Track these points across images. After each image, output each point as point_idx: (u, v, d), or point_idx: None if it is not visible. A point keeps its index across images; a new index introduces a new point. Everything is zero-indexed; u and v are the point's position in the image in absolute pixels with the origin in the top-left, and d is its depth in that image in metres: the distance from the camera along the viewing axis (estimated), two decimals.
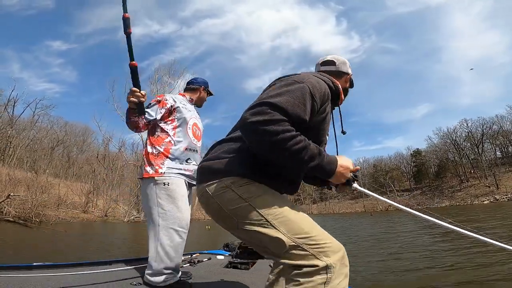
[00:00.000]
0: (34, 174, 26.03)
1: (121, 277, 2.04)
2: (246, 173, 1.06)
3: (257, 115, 0.94)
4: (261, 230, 0.99)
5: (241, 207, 1.02)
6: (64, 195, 22.27)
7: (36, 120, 44.19)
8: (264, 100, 0.97)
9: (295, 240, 0.96)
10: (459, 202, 49.24)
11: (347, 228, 17.72)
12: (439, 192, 58.00)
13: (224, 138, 1.22)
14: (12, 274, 1.80)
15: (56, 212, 18.53)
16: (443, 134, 63.39)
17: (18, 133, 40.41)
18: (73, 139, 50.79)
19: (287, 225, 0.99)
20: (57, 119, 49.79)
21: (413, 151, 71.75)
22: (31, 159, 38.99)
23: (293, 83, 1.06)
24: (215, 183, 1.07)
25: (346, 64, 1.42)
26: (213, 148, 1.21)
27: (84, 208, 22.56)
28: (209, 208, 1.13)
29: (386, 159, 78.70)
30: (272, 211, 1.01)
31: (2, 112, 37.75)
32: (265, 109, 0.94)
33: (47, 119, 46.92)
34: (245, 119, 0.95)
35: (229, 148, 1.13)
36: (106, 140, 37.94)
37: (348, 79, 1.43)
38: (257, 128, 0.93)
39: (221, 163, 1.09)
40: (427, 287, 4.18)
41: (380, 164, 78.09)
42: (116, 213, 23.62)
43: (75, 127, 52.07)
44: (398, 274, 4.92)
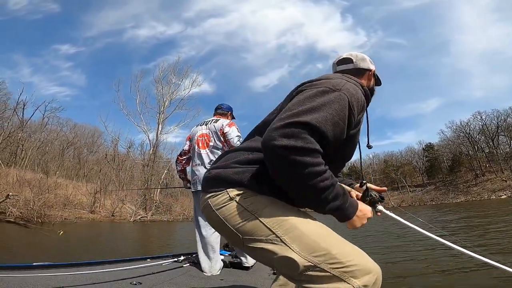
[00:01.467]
0: (44, 175, 26.31)
1: (121, 277, 2.07)
2: (256, 185, 0.93)
3: (288, 138, 0.79)
4: (269, 248, 0.86)
5: (246, 221, 0.90)
6: (71, 195, 22.37)
7: (46, 122, 44.87)
8: (298, 119, 0.82)
9: (311, 259, 0.82)
10: (475, 197, 47.54)
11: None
12: (454, 187, 56.33)
13: (239, 147, 1.11)
14: (12, 274, 1.80)
15: (62, 212, 18.47)
16: (456, 128, 61.62)
17: (29, 135, 40.97)
18: (83, 140, 51.33)
19: (301, 241, 0.85)
20: (66, 121, 50.46)
21: (425, 145, 70.15)
22: (42, 161, 39.47)
23: (328, 91, 0.93)
24: (219, 194, 0.96)
25: (365, 59, 1.28)
26: (223, 156, 1.10)
27: (91, 208, 22.54)
28: (211, 221, 1.02)
29: (397, 154, 77.23)
30: (282, 224, 0.87)
31: (11, 116, 38.31)
32: (299, 132, 0.80)
33: (57, 121, 47.60)
34: (272, 139, 0.81)
35: (244, 158, 1.00)
36: (114, 141, 38.17)
37: (371, 76, 1.28)
38: (285, 155, 0.79)
39: (230, 172, 0.97)
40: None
41: (391, 159, 76.72)
42: (123, 213, 23.56)
43: (84, 129, 52.61)
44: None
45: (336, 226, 0.97)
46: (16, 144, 37.44)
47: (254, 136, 1.11)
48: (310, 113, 0.84)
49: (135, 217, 22.71)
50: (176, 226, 17.32)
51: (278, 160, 0.82)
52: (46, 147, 42.74)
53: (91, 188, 25.86)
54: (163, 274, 2.40)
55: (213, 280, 2.30)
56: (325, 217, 0.98)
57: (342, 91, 0.93)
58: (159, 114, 32.09)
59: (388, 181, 72.26)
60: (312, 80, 1.05)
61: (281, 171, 0.84)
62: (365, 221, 0.98)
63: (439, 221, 13.06)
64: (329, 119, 0.86)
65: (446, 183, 59.98)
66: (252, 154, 1.00)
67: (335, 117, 0.87)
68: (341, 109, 0.90)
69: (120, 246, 7.48)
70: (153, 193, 27.28)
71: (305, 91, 0.98)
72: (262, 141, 0.87)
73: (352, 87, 0.99)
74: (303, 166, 0.80)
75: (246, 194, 0.94)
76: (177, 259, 3.05)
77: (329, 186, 0.85)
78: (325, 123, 0.84)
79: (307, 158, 0.80)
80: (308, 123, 0.81)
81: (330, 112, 0.87)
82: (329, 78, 1.03)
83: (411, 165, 72.28)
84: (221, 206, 0.95)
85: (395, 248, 6.95)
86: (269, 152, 0.83)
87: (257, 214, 0.90)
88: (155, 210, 25.53)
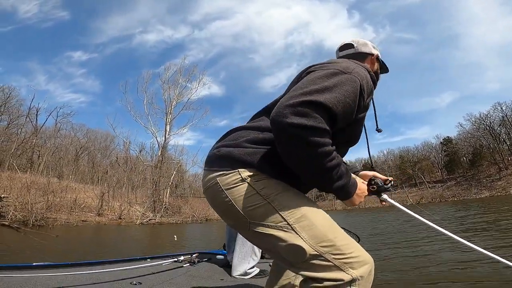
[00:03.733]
0: (57, 179, 26.51)
1: (121, 277, 2.08)
2: (268, 168, 0.92)
3: (300, 116, 0.78)
4: (278, 235, 0.87)
5: (258, 205, 0.89)
6: (79, 198, 22.26)
7: (59, 128, 45.72)
8: (311, 98, 0.80)
9: (318, 248, 0.85)
10: (500, 192, 45.01)
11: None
12: (476, 182, 53.69)
13: (248, 125, 1.06)
14: (12, 274, 1.82)
15: (67, 216, 18.33)
16: (475, 120, 58.84)
17: (44, 141, 41.80)
18: (97, 145, 52.11)
19: (311, 231, 0.87)
20: (80, 126, 51.47)
21: (443, 139, 67.40)
22: (58, 166, 40.18)
23: (339, 73, 0.91)
24: (230, 173, 0.92)
25: (367, 44, 1.27)
26: (230, 134, 1.05)
27: (98, 211, 22.31)
28: (216, 202, 0.98)
29: (413, 149, 74.75)
30: (295, 212, 0.88)
31: (24, 122, 39.16)
32: (311, 112, 0.79)
33: (70, 126, 48.52)
34: (283, 116, 0.79)
35: (254, 137, 0.97)
36: (126, 145, 38.33)
37: (374, 60, 1.27)
38: (295, 133, 0.78)
39: (242, 152, 0.93)
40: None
41: (407, 155, 74.28)
42: (130, 216, 23.23)
43: (97, 134, 53.40)
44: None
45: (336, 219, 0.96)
46: (31, 150, 38.29)
47: (262, 116, 1.08)
48: (322, 93, 0.82)
49: (142, 219, 22.29)
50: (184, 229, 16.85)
51: (288, 138, 0.80)
52: (60, 152, 43.55)
53: (98, 191, 25.81)
54: (163, 274, 2.40)
55: (213, 280, 2.30)
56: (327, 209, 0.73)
57: (353, 74, 0.92)
58: (166, 115, 31.80)
59: (405, 177, 69.99)
60: (321, 63, 1.03)
61: (290, 149, 0.82)
62: (362, 199, 1.01)
63: (462, 218, 11.84)
64: (341, 100, 0.84)
65: (467, 178, 57.33)
66: (262, 134, 0.97)
67: (346, 98, 0.86)
68: (352, 91, 0.89)
69: (106, 251, 6.91)
70: (162, 195, 27.01)
71: (316, 72, 0.95)
72: (271, 117, 0.82)
73: (362, 71, 0.98)
74: (313, 146, 0.79)
75: (259, 176, 0.91)
76: (177, 259, 2.99)
77: (336, 166, 0.85)
78: (337, 104, 0.83)
79: (317, 138, 0.79)
80: (320, 102, 0.80)
81: (342, 93, 0.86)
82: (338, 62, 1.01)
83: (429, 160, 69.68)
84: (232, 186, 0.91)
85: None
86: (279, 129, 0.81)
87: (269, 200, 0.89)
88: (164, 212, 25.16)
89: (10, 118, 39.66)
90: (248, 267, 2.47)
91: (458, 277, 3.53)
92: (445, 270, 3.89)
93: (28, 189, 15.84)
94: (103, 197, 23.60)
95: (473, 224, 9.49)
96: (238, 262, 2.47)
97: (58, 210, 17.69)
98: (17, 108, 41.02)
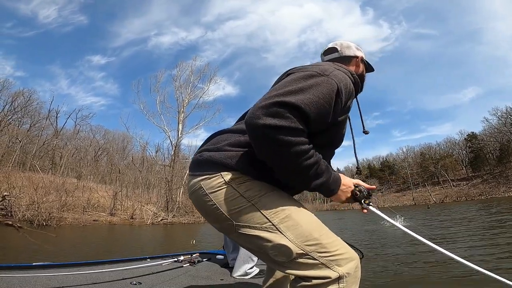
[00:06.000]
0: (76, 180, 27.13)
1: (121, 277, 2.10)
2: (251, 170, 0.93)
3: (272, 117, 0.79)
4: (264, 235, 0.88)
5: (242, 208, 0.90)
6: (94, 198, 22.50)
7: (78, 130, 47.13)
8: (283, 99, 0.80)
9: (304, 247, 0.87)
10: None
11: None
12: (505, 179, 50.58)
13: (230, 128, 1.08)
14: (13, 274, 1.83)
15: (79, 215, 18.51)
16: (501, 114, 55.45)
17: (65, 143, 43.15)
18: (115, 146, 53.34)
19: (296, 230, 0.88)
20: (98, 128, 52.91)
21: (467, 135, 64.09)
22: (78, 167, 41.35)
23: (316, 75, 0.91)
24: (213, 177, 0.93)
25: (350, 47, 1.27)
26: (212, 138, 1.06)
27: (111, 211, 22.42)
28: (201, 205, 0.98)
29: (435, 146, 71.54)
30: (279, 213, 0.90)
31: (44, 124, 40.52)
32: (283, 112, 0.79)
33: (89, 128, 49.94)
34: (256, 117, 0.80)
35: (236, 140, 0.97)
36: (142, 145, 38.80)
37: (359, 62, 1.26)
38: (268, 133, 0.79)
39: (223, 156, 0.94)
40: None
41: (429, 152, 71.22)
42: (143, 215, 23.21)
43: (115, 135, 54.66)
44: None
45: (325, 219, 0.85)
46: (52, 151, 39.63)
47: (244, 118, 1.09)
48: (295, 94, 0.83)
49: (153, 219, 22.19)
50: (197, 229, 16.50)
51: (261, 139, 0.81)
52: (80, 154, 44.85)
53: (110, 190, 26.09)
54: (163, 274, 2.40)
55: (213, 280, 2.30)
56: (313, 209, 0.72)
57: (330, 76, 0.92)
58: (179, 113, 31.78)
59: (426, 175, 67.18)
60: (302, 66, 1.05)
61: (265, 150, 0.83)
62: (349, 194, 1.00)
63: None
64: (314, 101, 0.84)
65: (495, 175, 54.15)
66: (243, 137, 0.97)
67: (320, 100, 0.86)
68: (328, 92, 0.88)
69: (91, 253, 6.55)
70: (175, 194, 26.97)
71: (294, 74, 0.96)
72: (245, 119, 0.83)
73: (341, 74, 0.98)
74: (287, 145, 0.79)
75: (241, 179, 0.92)
76: (177, 259, 2.98)
77: (314, 164, 0.85)
78: (309, 105, 0.82)
79: (291, 137, 0.79)
80: (292, 103, 0.80)
81: (316, 94, 0.85)
82: (318, 65, 1.02)
83: (452, 157, 66.46)
84: (216, 190, 0.92)
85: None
86: (253, 130, 0.81)
87: (253, 202, 0.90)
88: (176, 211, 25.05)
89: (31, 121, 41.37)
90: (248, 267, 2.49)
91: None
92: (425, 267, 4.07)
93: (35, 188, 16.02)
94: (116, 196, 23.78)
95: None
96: (239, 262, 2.50)
97: (71, 209, 17.90)
98: (38, 111, 42.72)
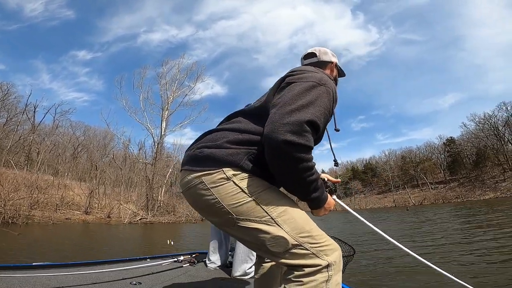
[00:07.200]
0: (52, 177, 25.97)
1: (121, 277, 2.10)
2: (251, 167, 1.00)
3: (293, 134, 0.89)
4: (263, 228, 0.96)
5: (243, 202, 0.97)
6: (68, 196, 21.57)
7: (57, 125, 45.23)
8: (302, 118, 0.91)
9: (298, 239, 0.96)
10: (505, 194, 44.07)
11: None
12: (480, 183, 52.73)
13: (226, 126, 1.11)
14: (12, 274, 1.83)
15: (52, 213, 17.64)
16: (479, 120, 57.83)
17: (43, 139, 41.31)
18: (95, 143, 51.65)
19: (291, 224, 0.98)
20: (78, 124, 51.03)
21: (446, 139, 66.43)
22: (55, 164, 39.68)
23: (316, 85, 1.02)
24: (215, 172, 0.98)
25: (327, 53, 1.40)
26: (207, 135, 1.12)
27: (86, 209, 21.53)
28: (199, 200, 1.03)
29: (416, 150, 73.82)
30: (277, 208, 0.99)
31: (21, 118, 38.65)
32: (303, 131, 0.90)
33: (69, 124, 48.07)
34: (277, 133, 0.89)
35: (235, 138, 1.03)
36: (125, 143, 37.72)
37: (333, 67, 1.40)
38: (287, 149, 0.88)
39: (226, 152, 1.00)
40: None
41: (409, 155, 73.35)
42: (121, 214, 22.37)
43: (96, 131, 52.94)
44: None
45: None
46: (28, 147, 37.82)
47: (238, 117, 1.15)
48: (308, 108, 0.93)
49: (131, 218, 21.48)
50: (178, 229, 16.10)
51: (281, 153, 0.89)
52: (58, 150, 43.08)
53: (85, 188, 25.14)
54: (162, 274, 2.41)
55: (212, 280, 2.32)
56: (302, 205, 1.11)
57: (327, 85, 1.04)
58: (162, 110, 31.04)
59: (407, 178, 69.13)
60: (294, 72, 1.11)
61: (281, 162, 0.92)
62: (328, 212, 1.13)
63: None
64: (322, 113, 0.97)
65: (471, 179, 56.39)
66: (242, 135, 1.04)
67: (325, 110, 0.99)
68: (328, 102, 1.02)
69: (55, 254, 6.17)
70: (156, 193, 26.32)
71: (296, 84, 1.03)
72: (268, 132, 0.92)
73: (330, 82, 1.09)
74: (301, 161, 0.90)
75: (242, 175, 0.99)
76: (177, 259, 2.98)
77: (316, 180, 0.98)
78: (320, 117, 0.95)
79: (305, 154, 0.91)
80: (309, 120, 0.91)
81: (322, 106, 0.98)
82: (310, 71, 1.10)
83: (431, 161, 68.73)
84: (217, 185, 0.97)
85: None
86: (274, 144, 0.89)
87: (254, 197, 0.97)
88: (157, 210, 24.41)
89: (8, 115, 39.34)
90: (247, 267, 2.49)
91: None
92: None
93: (2, 184, 15.19)
94: (92, 194, 22.88)
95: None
96: (238, 262, 2.49)
97: (43, 207, 17.08)
98: (15, 105, 40.73)
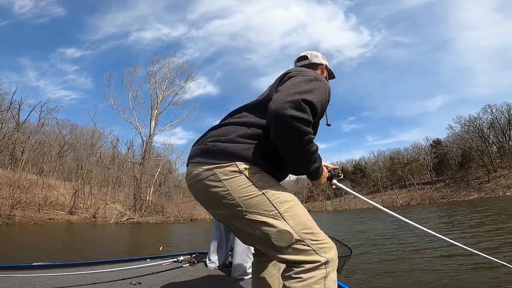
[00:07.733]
0: (36, 176, 25.22)
1: (121, 277, 2.10)
2: (261, 162, 1.07)
3: (297, 110, 0.97)
4: (270, 221, 1.01)
5: (254, 195, 1.02)
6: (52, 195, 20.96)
7: (42, 123, 43.97)
8: (305, 97, 1.00)
9: (301, 234, 1.01)
10: (489, 194, 45.38)
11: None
12: (465, 183, 54.10)
13: (234, 121, 1.17)
14: (12, 274, 1.83)
15: (35, 213, 17.12)
16: (465, 122, 59.37)
17: (28, 137, 40.08)
18: (82, 142, 50.48)
19: (296, 219, 1.03)
20: (65, 122, 49.77)
21: (433, 141, 67.90)
22: (42, 163, 38.59)
23: (314, 79, 1.12)
24: (228, 165, 1.03)
25: (318, 56, 1.51)
26: (216, 129, 1.17)
27: (71, 210, 21.00)
28: (208, 192, 1.07)
29: (403, 151, 75.19)
30: (284, 204, 1.04)
31: (5, 116, 37.35)
32: (305, 107, 0.99)
33: (55, 122, 46.83)
34: (284, 109, 0.96)
35: (244, 132, 1.09)
36: (113, 142, 36.96)
37: (324, 69, 1.51)
38: (294, 124, 0.96)
39: (239, 147, 1.05)
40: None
41: (397, 156, 74.64)
42: (107, 214, 21.89)
43: (83, 130, 51.76)
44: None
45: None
46: (12, 145, 36.63)
47: (243, 112, 1.20)
48: (310, 93, 1.04)
49: (118, 218, 21.05)
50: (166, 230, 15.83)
51: (288, 126, 0.97)
52: (43, 149, 41.91)
53: (70, 187, 24.52)
54: (162, 274, 2.41)
55: (212, 281, 2.32)
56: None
57: (323, 82, 1.15)
58: (152, 109, 30.60)
59: (395, 178, 70.29)
60: (293, 70, 1.23)
61: (287, 136, 1.00)
62: (325, 179, 1.29)
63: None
64: (320, 100, 1.07)
65: (456, 179, 57.81)
66: (250, 130, 1.10)
67: (322, 100, 1.09)
68: (325, 95, 1.12)
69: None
70: (144, 193, 25.89)
71: (297, 77, 1.14)
72: (273, 108, 0.99)
73: (325, 80, 1.22)
74: (304, 133, 0.99)
75: (254, 169, 1.05)
76: (177, 259, 2.99)
77: (316, 150, 1.09)
78: (318, 103, 1.05)
79: (307, 128, 1.00)
80: (311, 101, 1.01)
81: (320, 95, 1.08)
82: (307, 70, 1.22)
83: (418, 162, 70.12)
84: (230, 177, 1.02)
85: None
86: (279, 118, 0.97)
87: (264, 191, 1.03)
88: (144, 211, 23.99)
89: None
90: (247, 266, 2.49)
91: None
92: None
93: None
94: (77, 194, 22.33)
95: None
96: (238, 262, 2.50)
97: (25, 207, 16.54)
98: (0, 102, 39.36)
